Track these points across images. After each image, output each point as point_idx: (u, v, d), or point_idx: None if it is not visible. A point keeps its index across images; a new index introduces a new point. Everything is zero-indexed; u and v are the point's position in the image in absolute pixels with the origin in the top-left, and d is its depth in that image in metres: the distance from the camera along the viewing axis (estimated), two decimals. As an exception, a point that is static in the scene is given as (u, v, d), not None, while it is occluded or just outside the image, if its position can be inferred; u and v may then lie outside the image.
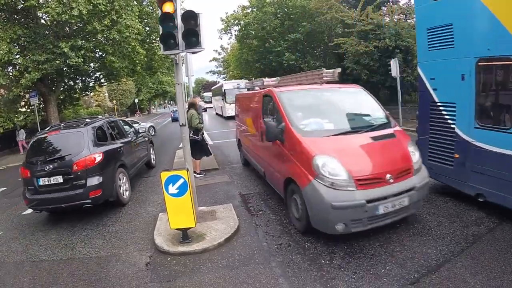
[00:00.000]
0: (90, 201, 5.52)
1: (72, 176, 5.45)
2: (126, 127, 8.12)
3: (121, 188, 6.32)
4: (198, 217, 4.54)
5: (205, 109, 39.83)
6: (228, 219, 4.91)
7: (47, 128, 6.57)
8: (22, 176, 5.71)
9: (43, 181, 5.49)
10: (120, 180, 6.33)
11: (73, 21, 13.36)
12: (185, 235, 4.26)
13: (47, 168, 5.46)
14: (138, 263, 4.03)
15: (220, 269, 3.69)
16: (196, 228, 4.37)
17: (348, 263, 3.57)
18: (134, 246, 4.54)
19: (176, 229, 4.22)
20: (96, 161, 5.66)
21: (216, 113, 31.36)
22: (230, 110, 22.56)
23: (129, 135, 7.77)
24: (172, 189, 4.00)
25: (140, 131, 9.39)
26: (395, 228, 4.19)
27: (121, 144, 6.89)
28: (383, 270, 3.38)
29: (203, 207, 5.47)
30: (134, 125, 10.42)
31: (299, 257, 3.78)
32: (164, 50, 4.43)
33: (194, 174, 6.21)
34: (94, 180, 5.54)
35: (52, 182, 5.49)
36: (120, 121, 8.37)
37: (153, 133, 18.15)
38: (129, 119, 21.30)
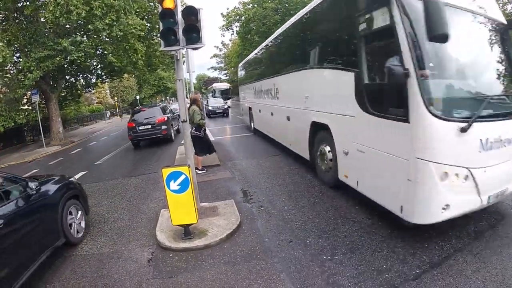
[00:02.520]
0: (162, 135, 12.88)
1: (155, 125, 12.73)
2: (168, 109, 16.08)
3: (172, 133, 13.95)
4: (200, 213, 4.55)
5: (224, 112, 23.71)
6: (230, 215, 4.92)
7: (138, 107, 19.22)
8: (129, 126, 12.86)
9: (141, 128, 12.70)
10: (172, 131, 14.08)
11: (67, 20, 13.44)
12: (187, 231, 4.27)
13: (144, 121, 12.73)
14: (140, 260, 4.04)
15: (222, 265, 3.70)
16: (198, 224, 4.38)
17: (349, 258, 3.57)
18: (136, 242, 4.55)
19: (178, 225, 4.23)
20: (165, 120, 13.11)
21: (252, 128, 13.42)
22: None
23: (170, 112, 15.25)
24: (174, 185, 4.00)
25: (174, 112, 16.68)
26: (397, 225, 4.19)
27: (170, 115, 14.50)
28: (384, 266, 3.38)
29: (205, 203, 5.47)
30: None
31: (300, 253, 3.78)
32: (164, 47, 4.40)
33: (196, 170, 6.22)
34: (164, 127, 12.92)
35: (145, 128, 12.72)
36: (167, 105, 19.09)
37: None
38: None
